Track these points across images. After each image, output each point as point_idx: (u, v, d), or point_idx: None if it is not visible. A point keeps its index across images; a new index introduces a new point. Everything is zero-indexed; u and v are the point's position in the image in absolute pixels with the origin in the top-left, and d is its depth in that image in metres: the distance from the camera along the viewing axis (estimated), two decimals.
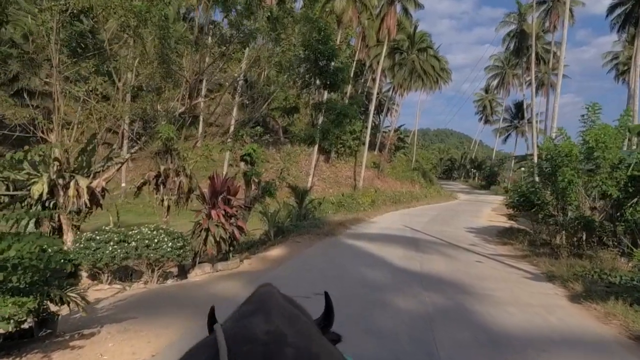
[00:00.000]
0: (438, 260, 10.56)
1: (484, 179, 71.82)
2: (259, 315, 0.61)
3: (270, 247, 12.41)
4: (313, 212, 19.19)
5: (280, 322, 0.59)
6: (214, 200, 8.59)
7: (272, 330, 0.56)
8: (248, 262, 9.87)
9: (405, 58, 47.48)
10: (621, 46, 52.77)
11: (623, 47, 52.37)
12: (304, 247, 11.77)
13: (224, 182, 8.78)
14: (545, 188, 13.75)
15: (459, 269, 9.63)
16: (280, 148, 39.03)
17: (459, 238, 14.83)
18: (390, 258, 10.42)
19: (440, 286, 7.95)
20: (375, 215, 22.32)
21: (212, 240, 8.50)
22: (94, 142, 8.48)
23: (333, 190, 35.18)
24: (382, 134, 49.24)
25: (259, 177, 9.71)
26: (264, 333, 0.55)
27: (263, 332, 0.55)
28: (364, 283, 7.90)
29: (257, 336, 0.54)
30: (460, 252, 11.90)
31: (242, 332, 0.56)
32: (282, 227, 14.77)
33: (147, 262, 8.23)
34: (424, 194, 38.96)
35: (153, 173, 8.92)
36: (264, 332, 0.55)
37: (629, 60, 50.83)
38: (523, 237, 14.34)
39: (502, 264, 10.39)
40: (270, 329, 0.56)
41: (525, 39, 53.80)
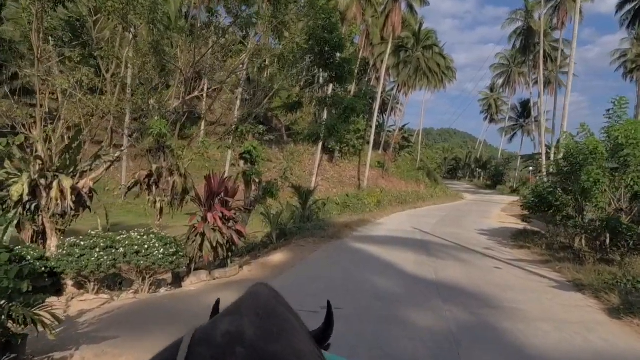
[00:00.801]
0: (453, 266, 9.78)
1: (490, 178, 70.81)
2: (230, 317, 0.61)
3: (272, 251, 11.68)
4: (317, 214, 18.44)
5: (247, 322, 0.59)
6: (210, 202, 7.85)
7: (231, 330, 0.56)
8: (248, 269, 9.12)
9: (411, 56, 46.68)
10: (629, 44, 51.77)
11: (631, 45, 51.35)
12: (308, 252, 11.01)
13: (221, 182, 8.05)
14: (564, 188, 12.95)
15: (477, 276, 8.85)
16: (284, 147, 38.40)
17: (472, 241, 14.04)
18: (401, 264, 9.65)
19: (460, 298, 7.18)
20: (381, 216, 21.55)
21: (209, 246, 7.77)
22: (79, 139, 7.77)
23: (337, 190, 34.47)
24: (386, 133, 48.47)
25: (259, 177, 8.97)
26: (222, 334, 0.55)
27: (221, 334, 0.55)
28: (376, 294, 7.14)
29: (215, 338, 0.54)
30: (476, 257, 11.11)
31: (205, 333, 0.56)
32: (285, 230, 14.03)
33: (137, 269, 7.50)
34: (430, 194, 38.14)
35: (144, 172, 8.20)
36: (222, 333, 0.55)
37: (638, 58, 49.90)
38: (539, 240, 13.54)
39: (523, 270, 9.60)
40: (229, 329, 0.56)
41: (532, 37, 52.90)
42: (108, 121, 8.32)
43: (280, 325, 0.62)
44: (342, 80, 9.58)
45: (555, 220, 13.32)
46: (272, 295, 0.72)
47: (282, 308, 0.69)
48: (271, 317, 0.63)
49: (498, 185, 62.80)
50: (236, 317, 0.60)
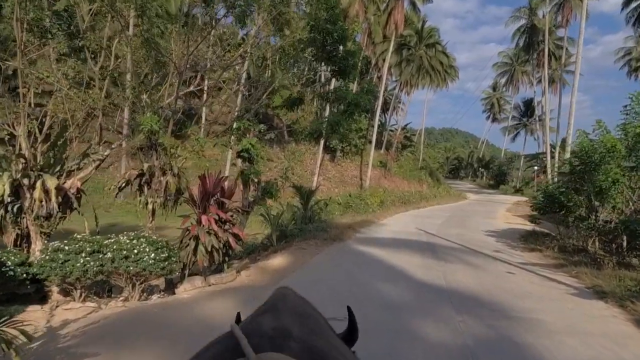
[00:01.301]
0: (462, 271, 9.25)
1: (493, 178, 70.16)
2: (269, 314, 0.63)
3: (272, 254, 11.15)
4: (319, 214, 17.91)
5: (288, 320, 0.61)
6: (204, 204, 7.33)
7: (278, 326, 0.58)
8: (246, 274, 8.60)
9: (413, 54, 46.15)
10: (634, 42, 51.14)
11: (636, 43, 50.72)
12: (309, 255, 10.49)
13: (217, 182, 7.53)
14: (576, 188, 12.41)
15: (490, 282, 8.31)
16: (285, 147, 37.93)
17: (480, 243, 13.49)
18: (408, 269, 9.12)
19: (474, 307, 6.65)
20: (384, 216, 21.01)
21: (203, 250, 7.25)
22: (65, 136, 7.27)
23: (339, 190, 33.99)
24: (388, 133, 47.93)
25: (258, 177, 8.44)
26: (272, 329, 0.57)
27: (270, 328, 0.57)
28: (384, 304, 6.61)
29: (265, 331, 0.57)
30: (486, 261, 10.57)
31: (252, 328, 0.58)
32: (286, 231, 13.51)
33: (126, 276, 6.99)
34: (434, 194, 37.58)
35: (135, 171, 7.68)
36: (271, 327, 0.57)
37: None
38: (550, 242, 12.99)
39: (538, 275, 9.06)
40: (277, 325, 0.58)
41: (536, 34, 52.26)
42: (97, 117, 7.82)
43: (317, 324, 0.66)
44: (346, 74, 9.05)
45: (567, 221, 12.78)
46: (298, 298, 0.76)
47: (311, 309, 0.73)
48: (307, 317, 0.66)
49: (501, 185, 62.18)
50: (277, 315, 0.62)
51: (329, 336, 0.66)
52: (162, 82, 8.23)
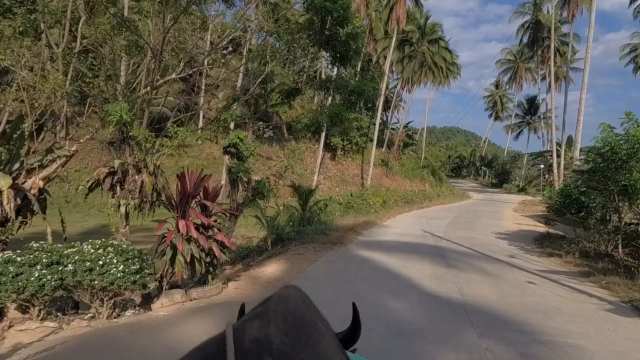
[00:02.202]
0: (478, 281, 8.23)
1: (496, 177, 69.05)
2: (258, 321, 0.61)
3: (267, 260, 10.16)
4: (318, 215, 16.94)
5: (275, 329, 0.59)
6: (183, 207, 6.34)
7: (258, 337, 0.56)
8: (234, 286, 7.59)
9: (415, 50, 45.10)
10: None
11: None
12: (307, 262, 9.49)
13: (199, 181, 6.53)
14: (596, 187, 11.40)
15: (511, 294, 7.30)
16: (284, 145, 37.03)
17: (492, 247, 12.48)
18: (417, 279, 8.11)
19: (498, 328, 5.64)
20: (387, 217, 20.01)
21: (182, 261, 6.25)
22: (22, 128, 6.28)
23: (340, 189, 33.04)
24: (390, 131, 46.95)
25: (248, 175, 7.43)
26: (250, 341, 0.56)
27: (250, 340, 0.56)
28: (393, 325, 5.60)
29: (244, 343, 0.55)
30: (502, 268, 9.56)
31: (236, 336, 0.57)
32: (282, 234, 12.53)
33: (90, 291, 5.99)
34: (437, 193, 36.60)
35: (105, 169, 6.68)
36: (250, 339, 0.56)
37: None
38: (568, 246, 11.96)
39: (563, 286, 8.04)
40: (257, 335, 0.57)
41: (540, 30, 51.19)
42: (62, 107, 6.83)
43: (308, 333, 0.62)
44: (347, 60, 8.05)
45: (588, 223, 11.76)
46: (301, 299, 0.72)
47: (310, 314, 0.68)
48: (299, 324, 0.63)
49: (504, 184, 61.08)
50: (264, 322, 0.60)
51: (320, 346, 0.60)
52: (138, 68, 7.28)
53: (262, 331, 0.57)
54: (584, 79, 27.71)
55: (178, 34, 6.92)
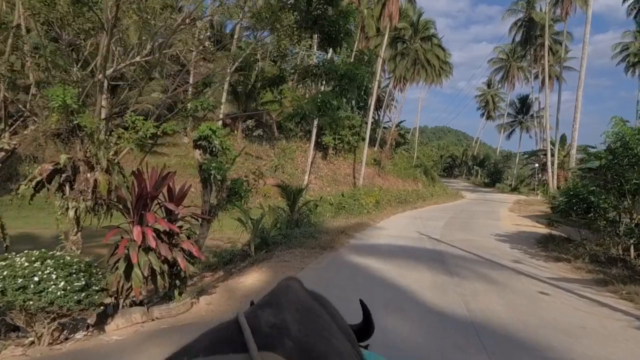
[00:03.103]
0: (484, 291, 7.31)
1: (488, 176, 68.64)
2: (269, 308, 0.60)
3: (249, 268, 9.16)
4: (308, 217, 15.95)
5: (289, 316, 0.58)
6: (140, 211, 5.32)
7: (276, 323, 0.56)
8: (206, 301, 6.57)
9: (408, 47, 44.33)
10: (632, 37, 49.93)
11: (634, 38, 49.49)
12: (293, 270, 8.49)
13: (160, 179, 5.52)
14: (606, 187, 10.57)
15: (524, 308, 6.39)
16: (275, 144, 36.13)
17: (493, 251, 11.60)
18: (417, 290, 7.16)
19: (516, 354, 4.71)
20: (381, 218, 19.09)
21: (139, 275, 5.23)
22: None
23: (331, 189, 32.17)
24: (382, 130, 46.18)
25: (222, 173, 6.42)
26: (269, 326, 0.55)
27: (268, 325, 0.55)
28: (392, 351, 4.63)
29: (261, 327, 0.54)
30: (508, 275, 8.66)
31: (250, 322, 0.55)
32: (267, 239, 11.51)
33: (26, 313, 4.94)
34: (430, 193, 35.83)
35: (49, 166, 5.62)
36: (269, 324, 0.55)
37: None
38: (575, 249, 11.09)
39: (580, 297, 7.14)
40: (275, 321, 0.56)
41: (533, 28, 50.76)
42: None
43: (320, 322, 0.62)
44: (337, 43, 7.09)
45: (597, 225, 10.92)
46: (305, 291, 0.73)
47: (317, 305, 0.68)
48: (310, 314, 0.62)
49: (497, 184, 60.62)
50: (278, 310, 0.59)
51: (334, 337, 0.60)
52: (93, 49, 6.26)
53: (278, 317, 0.56)
54: (581, 75, 27.06)
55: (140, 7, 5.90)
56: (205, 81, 6.76)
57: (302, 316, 0.59)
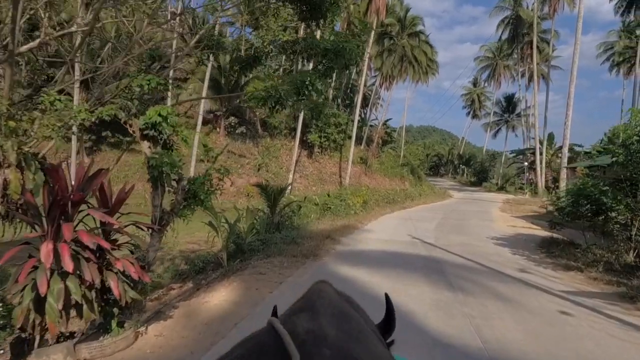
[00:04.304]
0: (497, 311, 6.14)
1: (475, 175, 68.32)
2: (305, 314, 0.60)
3: (218, 282, 7.83)
4: (291, 219, 14.67)
5: (325, 322, 0.58)
6: (56, 221, 3.97)
7: (313, 329, 0.55)
8: (157, 330, 5.24)
9: (395, 44, 43.34)
10: (616, 36, 49.90)
11: (619, 37, 49.45)
12: (269, 286, 7.20)
13: (86, 179, 4.19)
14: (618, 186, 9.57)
15: (548, 336, 5.22)
16: (258, 142, 34.88)
17: (494, 257, 10.49)
18: (417, 312, 5.94)
19: None
20: (369, 219, 17.90)
21: (54, 308, 3.89)
22: None
23: (317, 188, 30.99)
24: (368, 128, 45.22)
25: (177, 171, 5.10)
26: (305, 332, 0.54)
27: (304, 331, 0.54)
28: None
29: (298, 334, 0.53)
30: (518, 289, 7.51)
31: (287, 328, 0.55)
32: (243, 245, 10.20)
33: None
34: (418, 192, 34.88)
35: None
36: (305, 330, 0.55)
37: (625, 50, 47.89)
38: (583, 255, 10.06)
39: (609, 318, 6.02)
40: (311, 327, 0.56)
41: (521, 26, 50.38)
42: None
43: (358, 328, 0.61)
44: (322, 14, 5.84)
45: (609, 228, 9.90)
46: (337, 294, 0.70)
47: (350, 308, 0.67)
48: (346, 319, 0.61)
49: (484, 183, 60.23)
50: (314, 316, 0.59)
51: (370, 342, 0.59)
52: None
53: (314, 324, 0.55)
54: (573, 71, 26.34)
55: None
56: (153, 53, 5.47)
57: (338, 321, 0.58)
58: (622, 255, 9.38)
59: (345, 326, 0.58)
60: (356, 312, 0.67)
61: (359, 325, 0.62)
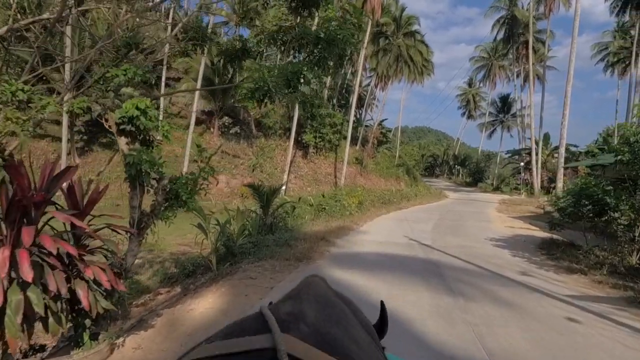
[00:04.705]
0: (500, 318, 5.78)
1: (470, 175, 68.15)
2: (290, 301, 0.62)
3: (206, 287, 7.43)
4: (284, 220, 14.27)
5: (306, 307, 0.59)
6: (16, 224, 3.55)
7: (294, 312, 0.57)
8: (134, 342, 4.81)
9: (391, 43, 43.09)
10: (611, 36, 49.97)
11: (613, 37, 49.52)
12: (259, 292, 6.80)
13: (49, 178, 3.78)
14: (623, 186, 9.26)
15: (558, 347, 4.86)
16: (253, 142, 34.48)
17: (494, 259, 10.15)
18: (416, 320, 5.57)
19: None
20: (364, 220, 17.52)
21: (14, 321, 3.48)
22: None
23: (312, 189, 30.64)
24: (364, 128, 44.96)
25: (158, 169, 4.70)
26: (286, 314, 0.56)
27: (286, 313, 0.57)
28: None
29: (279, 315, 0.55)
30: (520, 293, 7.16)
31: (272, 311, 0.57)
32: (234, 248, 9.80)
33: None
34: (414, 193, 34.57)
35: None
36: (286, 312, 0.57)
37: (620, 50, 47.95)
38: (585, 257, 9.75)
39: (620, 326, 5.67)
40: (292, 310, 0.58)
41: (516, 26, 50.29)
42: None
43: (338, 314, 0.63)
44: (312, 3, 5.46)
45: (613, 230, 9.59)
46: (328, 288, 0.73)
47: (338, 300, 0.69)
48: (329, 305, 0.64)
49: (479, 183, 60.07)
50: (297, 301, 0.61)
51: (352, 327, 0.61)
52: None
53: (296, 307, 0.58)
54: (570, 70, 26.13)
55: None
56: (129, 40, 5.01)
57: (319, 306, 0.60)
58: (626, 257, 9.08)
59: (327, 311, 0.60)
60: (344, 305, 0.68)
61: (342, 312, 0.63)
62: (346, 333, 0.57)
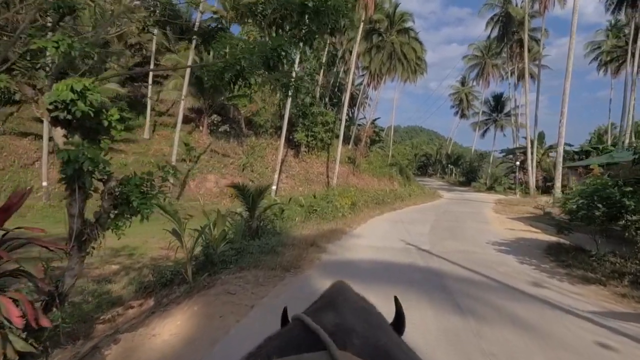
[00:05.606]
0: (523, 348, 4.85)
1: (464, 175, 67.56)
2: (329, 310, 0.63)
3: (177, 304, 6.44)
4: (272, 223, 13.29)
5: (350, 316, 0.60)
6: None
7: (340, 322, 0.57)
8: None
9: (384, 40, 42.26)
10: (604, 35, 49.68)
11: (606, 36, 49.22)
12: (236, 313, 5.79)
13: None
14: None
15: None
16: (243, 141, 33.45)
17: (500, 267, 9.27)
18: (423, 350, 4.64)
19: None
20: (357, 223, 16.59)
21: None
22: None
23: (303, 189, 29.70)
24: (356, 127, 44.13)
25: (103, 169, 3.71)
26: (333, 325, 0.56)
27: (332, 325, 0.56)
28: None
29: (327, 327, 0.54)
30: (539, 311, 6.27)
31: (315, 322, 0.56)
32: (213, 256, 8.79)
33: None
34: (408, 193, 33.78)
35: None
36: (333, 324, 0.56)
37: (613, 49, 47.61)
38: (599, 264, 8.91)
39: None
40: (338, 321, 0.57)
41: (510, 24, 49.65)
42: None
43: (378, 320, 0.66)
44: None
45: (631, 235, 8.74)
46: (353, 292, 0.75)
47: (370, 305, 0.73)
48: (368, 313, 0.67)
49: (473, 182, 59.48)
50: (337, 311, 0.61)
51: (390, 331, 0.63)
52: None
53: (339, 318, 0.57)
54: (568, 67, 25.40)
55: None
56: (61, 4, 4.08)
57: (362, 315, 0.61)
58: None
59: (368, 319, 0.62)
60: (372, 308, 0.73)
61: (379, 318, 0.68)
62: (390, 339, 0.60)
